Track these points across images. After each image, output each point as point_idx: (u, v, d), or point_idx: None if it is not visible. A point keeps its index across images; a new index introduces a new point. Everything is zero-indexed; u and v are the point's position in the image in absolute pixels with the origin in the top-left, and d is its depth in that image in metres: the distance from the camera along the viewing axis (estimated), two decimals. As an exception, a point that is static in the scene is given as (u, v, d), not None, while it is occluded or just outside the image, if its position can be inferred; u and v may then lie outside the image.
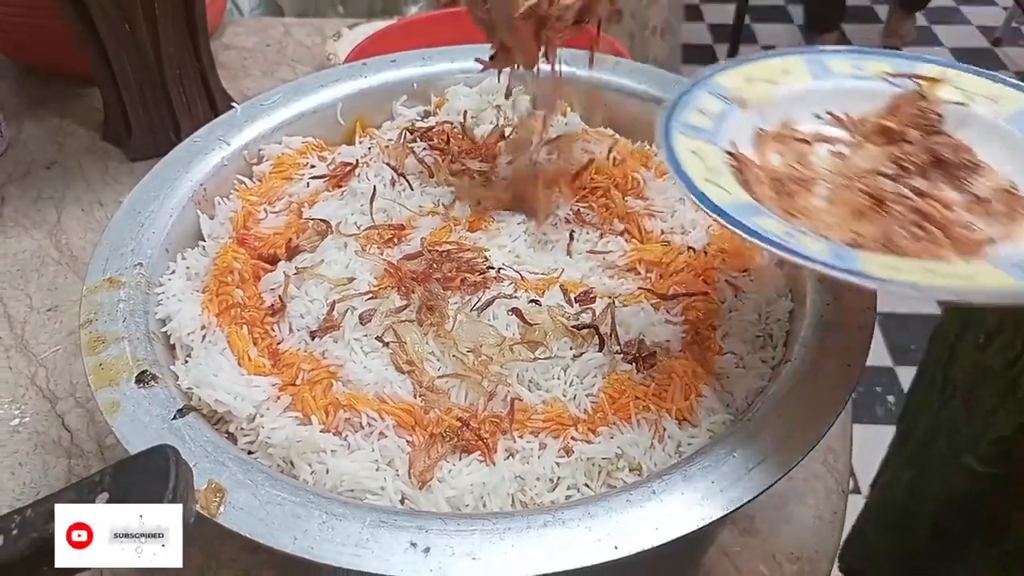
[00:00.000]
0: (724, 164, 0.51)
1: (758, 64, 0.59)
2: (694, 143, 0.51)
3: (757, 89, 0.57)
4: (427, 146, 0.73)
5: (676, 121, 0.53)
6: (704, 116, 0.54)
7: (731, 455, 0.48)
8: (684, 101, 0.55)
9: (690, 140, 0.51)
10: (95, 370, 0.53)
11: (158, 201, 0.66)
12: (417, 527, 0.45)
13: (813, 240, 0.47)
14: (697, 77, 0.57)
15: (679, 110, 0.54)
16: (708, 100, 0.55)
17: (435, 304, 0.58)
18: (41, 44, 1.08)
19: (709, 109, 0.55)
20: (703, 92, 0.56)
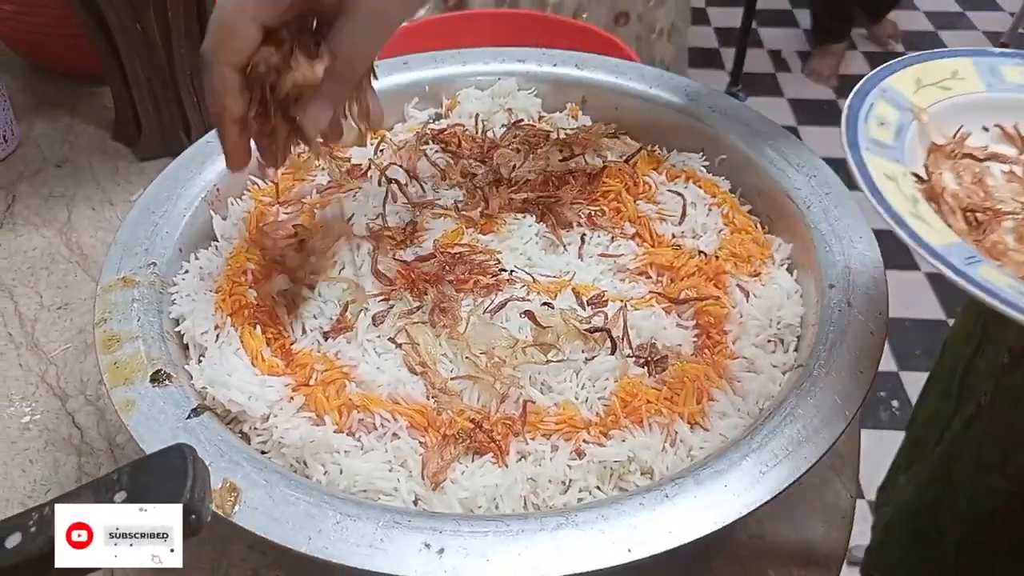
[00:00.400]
0: (917, 190, 0.49)
1: (927, 65, 0.57)
2: (885, 164, 0.49)
3: (929, 95, 0.55)
4: (439, 148, 0.73)
5: (861, 136, 0.50)
6: (885, 129, 0.52)
7: (744, 460, 0.49)
8: (861, 108, 0.52)
9: (880, 160, 0.49)
10: (110, 369, 0.53)
11: (171, 201, 0.66)
12: (431, 528, 0.45)
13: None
14: (867, 78, 0.55)
15: (859, 120, 0.51)
16: (885, 108, 0.53)
17: (448, 306, 0.59)
18: (52, 43, 1.08)
19: (888, 119, 0.52)
20: (879, 98, 0.54)
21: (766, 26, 3.29)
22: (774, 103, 2.92)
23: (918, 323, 2.12)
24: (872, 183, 0.47)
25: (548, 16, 1.10)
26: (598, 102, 0.80)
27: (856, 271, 0.60)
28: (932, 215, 0.48)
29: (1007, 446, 0.83)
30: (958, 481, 0.90)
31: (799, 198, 0.67)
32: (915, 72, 0.56)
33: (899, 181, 0.49)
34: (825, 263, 0.61)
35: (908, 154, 0.52)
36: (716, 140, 0.74)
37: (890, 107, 0.53)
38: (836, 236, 0.63)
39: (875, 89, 0.54)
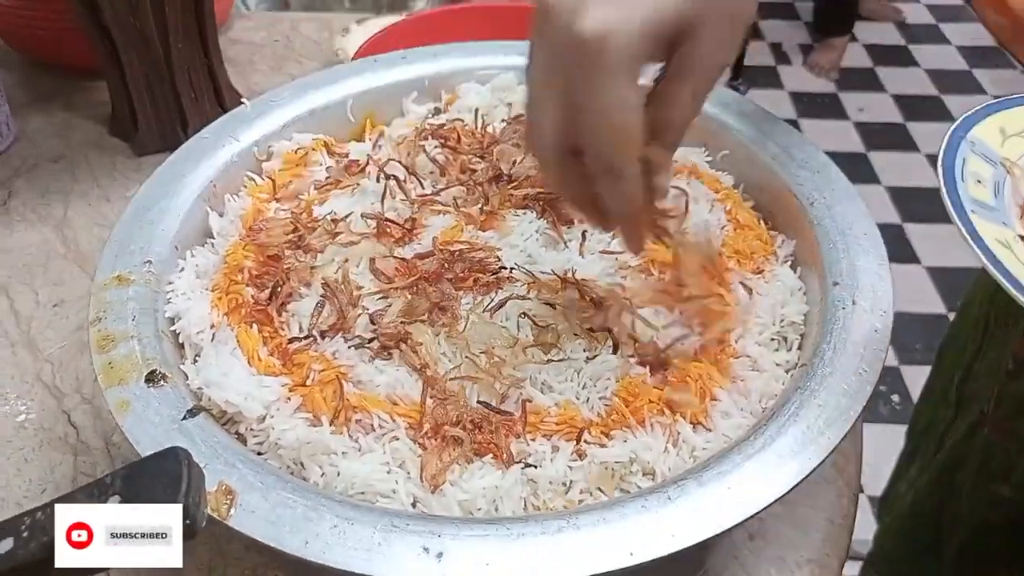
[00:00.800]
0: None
1: (1008, 113, 0.55)
2: (994, 229, 0.47)
3: (1016, 147, 0.53)
4: (439, 144, 0.72)
5: (963, 196, 0.48)
6: (983, 187, 0.50)
7: (747, 461, 0.48)
8: (955, 164, 0.50)
9: (988, 224, 0.47)
10: (104, 369, 0.53)
11: (167, 198, 0.65)
12: (430, 532, 0.45)
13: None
14: (953, 130, 0.52)
15: (957, 177, 0.49)
16: (978, 164, 0.51)
17: (447, 304, 0.58)
18: (49, 37, 1.07)
19: (983, 176, 0.50)
20: (969, 152, 0.51)
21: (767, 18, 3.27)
22: (775, 96, 2.92)
23: (919, 317, 2.12)
24: (991, 254, 0.44)
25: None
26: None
27: (860, 268, 0.59)
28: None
29: (1011, 454, 0.82)
30: (960, 489, 0.89)
31: (802, 194, 0.66)
32: (998, 121, 0.54)
33: (1013, 247, 0.46)
34: (829, 260, 0.61)
35: (1009, 216, 0.49)
36: (718, 135, 0.74)
37: (982, 162, 0.51)
38: (840, 232, 0.62)
39: (963, 143, 0.52)
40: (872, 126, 2.81)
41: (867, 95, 2.96)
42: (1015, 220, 0.50)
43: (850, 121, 2.83)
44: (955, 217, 0.47)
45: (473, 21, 1.04)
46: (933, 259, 2.33)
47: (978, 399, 0.86)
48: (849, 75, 3.01)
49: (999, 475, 0.83)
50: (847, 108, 2.87)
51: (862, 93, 2.96)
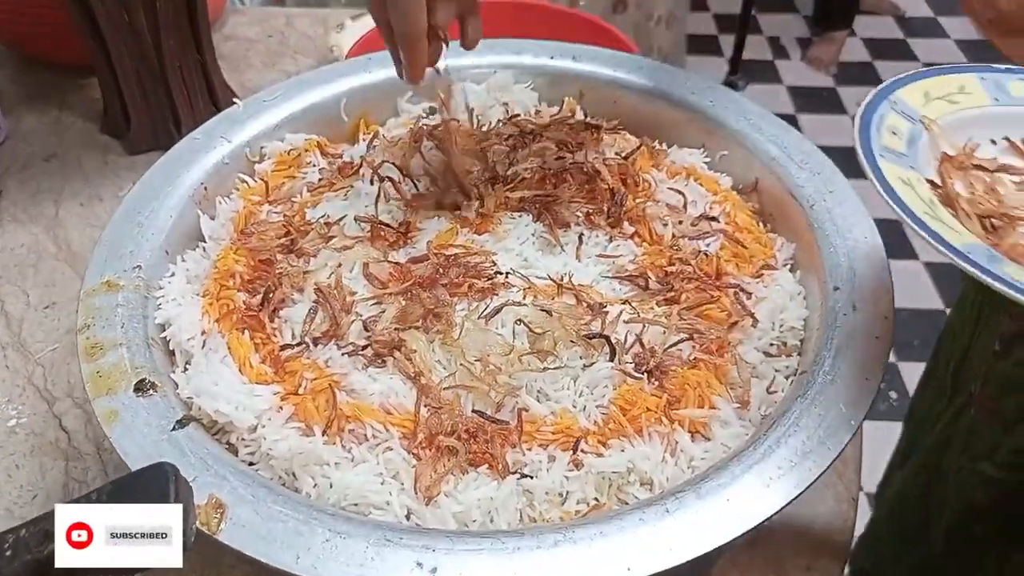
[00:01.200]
0: (933, 195, 0.50)
1: (935, 80, 0.58)
2: (900, 170, 0.50)
3: (938, 108, 0.56)
4: (434, 145, 0.71)
5: (875, 144, 0.51)
6: (898, 138, 0.52)
7: (747, 472, 0.47)
8: (873, 119, 0.53)
9: (895, 167, 0.50)
10: (92, 378, 0.52)
11: (158, 200, 0.64)
12: (423, 546, 0.44)
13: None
14: (876, 91, 0.56)
15: (872, 129, 0.52)
16: (896, 119, 0.54)
17: (441, 311, 0.57)
18: (40, 34, 1.06)
19: (900, 130, 0.53)
20: (889, 110, 0.54)
21: (765, 12, 3.26)
22: (773, 90, 2.90)
23: (916, 313, 2.11)
24: (889, 187, 0.47)
25: (545, 5, 1.08)
26: (596, 95, 0.78)
27: (861, 273, 0.59)
28: (950, 218, 0.49)
29: (996, 433, 0.84)
30: (947, 470, 0.90)
31: (802, 196, 0.65)
32: (923, 86, 0.57)
33: (915, 186, 0.49)
34: (829, 264, 0.60)
35: (921, 163, 0.52)
36: (717, 135, 0.73)
37: (901, 119, 0.54)
38: (840, 236, 0.61)
39: (885, 101, 0.55)
40: (871, 120, 2.81)
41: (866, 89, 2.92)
42: (930, 171, 0.52)
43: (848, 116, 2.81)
44: (861, 157, 0.49)
45: (469, 17, 1.02)
46: (931, 255, 2.32)
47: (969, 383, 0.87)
48: (847, 69, 3.00)
49: (984, 454, 0.84)
50: (846, 102, 2.85)
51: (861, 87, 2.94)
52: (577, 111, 0.78)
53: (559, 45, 0.80)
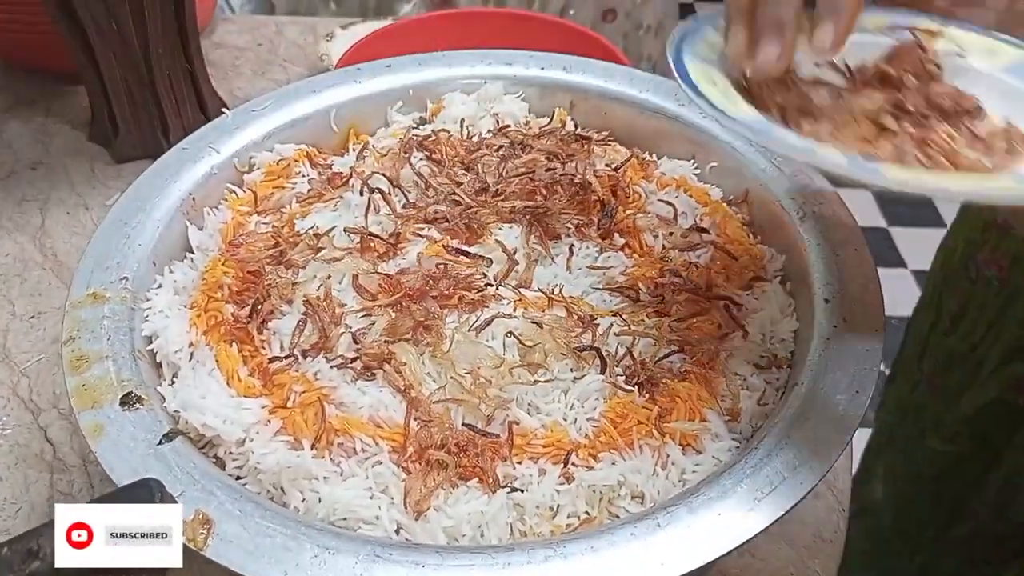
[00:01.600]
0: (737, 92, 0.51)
1: None
2: (708, 70, 0.51)
3: None
4: (424, 156, 0.71)
5: (687, 51, 0.51)
6: (713, 51, 0.53)
7: (738, 486, 0.47)
8: (691, 36, 0.54)
9: (703, 67, 0.51)
10: (77, 391, 0.51)
11: (145, 212, 0.64)
12: (413, 562, 0.44)
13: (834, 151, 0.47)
14: (702, 16, 0.56)
15: (688, 42, 0.53)
16: (716, 37, 0.54)
17: (431, 323, 0.57)
18: (27, 41, 1.05)
19: (717, 45, 0.54)
20: (710, 29, 0.55)
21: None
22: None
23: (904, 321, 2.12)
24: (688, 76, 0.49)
25: (534, 15, 1.08)
26: (586, 106, 0.78)
27: (850, 284, 0.59)
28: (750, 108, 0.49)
29: (940, 407, 0.90)
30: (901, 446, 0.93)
31: (792, 208, 0.65)
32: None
33: (719, 82, 0.50)
34: (819, 276, 0.60)
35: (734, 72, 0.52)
36: (707, 146, 0.73)
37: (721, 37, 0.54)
38: (831, 249, 0.61)
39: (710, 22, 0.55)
40: (859, 129, 2.82)
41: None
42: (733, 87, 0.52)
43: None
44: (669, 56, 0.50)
45: (459, 27, 1.02)
46: (919, 262, 2.33)
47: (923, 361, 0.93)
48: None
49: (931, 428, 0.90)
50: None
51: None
52: (568, 122, 0.78)
53: (550, 56, 0.80)
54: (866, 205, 2.51)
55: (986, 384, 0.86)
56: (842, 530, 0.67)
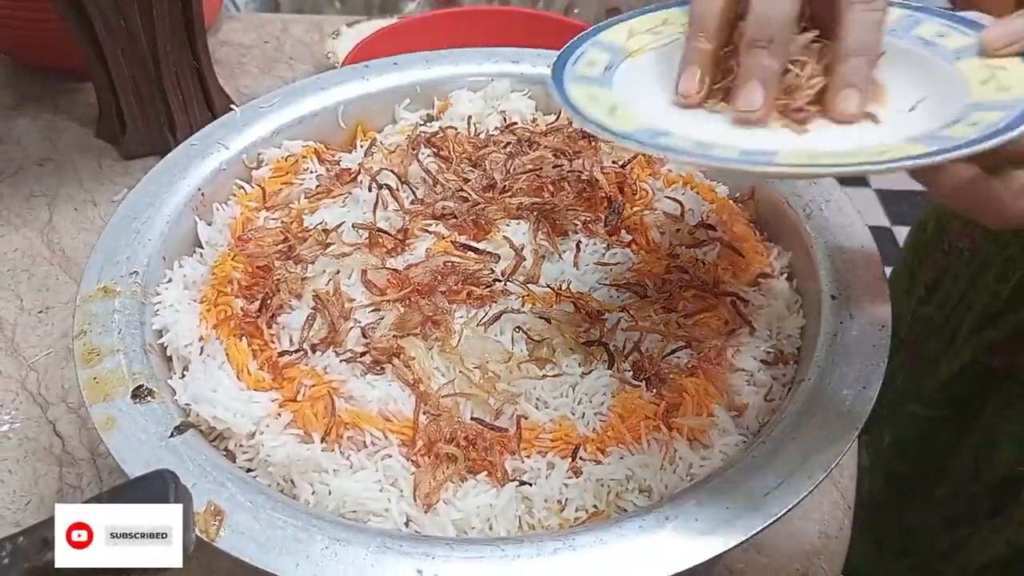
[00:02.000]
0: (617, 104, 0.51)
1: (640, 19, 0.58)
2: (589, 89, 0.51)
3: (641, 41, 0.56)
4: (432, 153, 0.71)
5: (567, 73, 0.52)
6: (593, 67, 0.53)
7: (745, 481, 0.47)
8: (572, 56, 0.54)
9: (585, 88, 0.51)
10: (89, 384, 0.51)
11: (154, 207, 0.64)
12: (423, 553, 0.44)
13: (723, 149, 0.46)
14: (579, 35, 0.56)
15: (567, 64, 0.53)
16: (596, 54, 0.54)
17: (440, 318, 0.57)
18: (35, 38, 1.05)
19: (597, 60, 0.54)
20: (590, 47, 0.55)
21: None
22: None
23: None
24: (568, 99, 0.49)
25: (539, 13, 1.08)
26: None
27: (857, 281, 0.59)
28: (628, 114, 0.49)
29: (919, 373, 0.93)
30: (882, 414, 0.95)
31: (798, 205, 0.66)
32: (628, 26, 0.57)
33: (600, 100, 0.50)
34: (825, 273, 0.60)
35: (617, 83, 0.52)
36: (713, 144, 0.73)
37: (602, 52, 0.54)
38: (837, 244, 0.61)
39: (586, 43, 0.55)
40: (861, 129, 2.82)
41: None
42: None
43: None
44: (552, 88, 0.50)
45: (464, 25, 1.03)
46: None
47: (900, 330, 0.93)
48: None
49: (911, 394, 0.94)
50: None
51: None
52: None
53: (556, 54, 0.80)
54: (869, 204, 2.51)
55: (961, 350, 0.90)
56: (847, 527, 0.68)
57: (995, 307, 0.87)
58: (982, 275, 0.88)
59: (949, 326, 0.92)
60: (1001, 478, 0.89)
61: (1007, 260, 0.86)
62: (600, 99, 0.50)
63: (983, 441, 0.91)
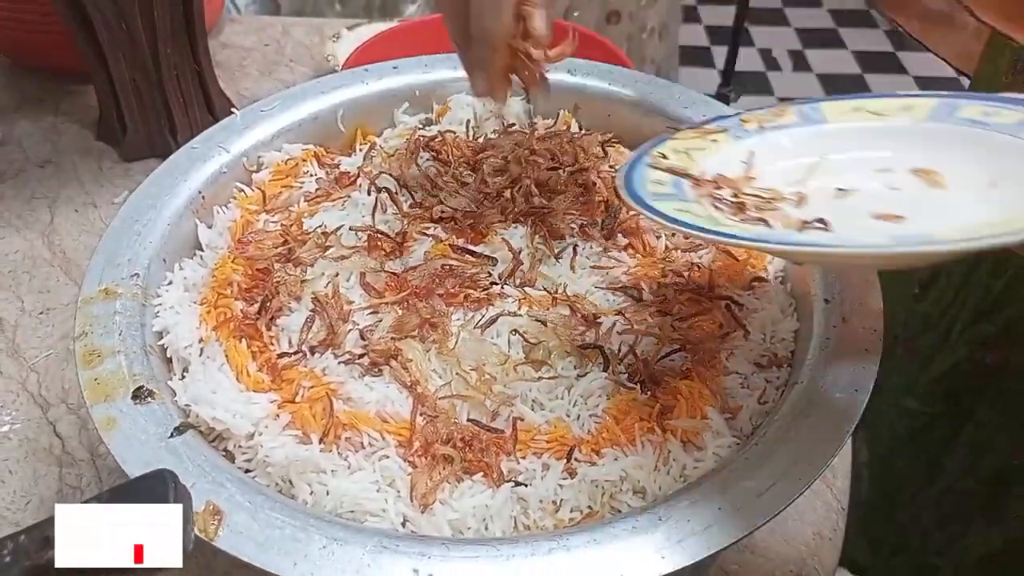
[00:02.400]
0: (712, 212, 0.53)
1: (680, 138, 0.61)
2: (674, 204, 0.52)
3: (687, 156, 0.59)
4: (431, 157, 0.72)
5: (644, 193, 0.53)
6: (663, 186, 0.55)
7: (738, 482, 0.48)
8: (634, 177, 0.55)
9: (667, 202, 0.52)
10: (90, 385, 0.52)
11: (155, 210, 0.64)
12: (419, 553, 0.44)
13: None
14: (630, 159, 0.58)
15: (636, 185, 0.54)
16: (658, 175, 0.56)
17: (438, 320, 0.58)
18: (36, 41, 1.06)
19: (664, 181, 0.55)
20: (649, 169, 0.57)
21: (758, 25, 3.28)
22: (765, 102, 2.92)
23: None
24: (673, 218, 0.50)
25: (540, 17, 1.09)
26: (591, 109, 0.79)
27: (850, 286, 0.60)
28: (729, 221, 0.52)
29: (915, 369, 0.94)
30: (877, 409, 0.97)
31: (793, 209, 0.66)
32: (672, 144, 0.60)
33: (691, 211, 0.51)
34: (819, 277, 0.61)
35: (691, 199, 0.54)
36: (709, 149, 0.73)
37: (660, 174, 0.56)
38: (831, 249, 0.62)
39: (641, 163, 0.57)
40: (861, 132, 2.83)
41: (856, 101, 2.98)
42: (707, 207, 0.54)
43: (839, 127, 2.85)
44: (635, 205, 0.52)
45: (465, 29, 1.03)
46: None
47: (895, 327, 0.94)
48: (838, 82, 3.03)
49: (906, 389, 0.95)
50: (836, 114, 2.89)
51: (851, 100, 2.98)
52: (572, 124, 0.79)
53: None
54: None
55: (955, 345, 0.91)
56: (841, 528, 0.68)
57: (988, 302, 0.88)
58: (975, 272, 0.89)
59: (944, 322, 0.93)
60: (995, 472, 0.90)
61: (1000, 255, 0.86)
62: (690, 211, 0.51)
63: (977, 436, 0.92)
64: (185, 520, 0.39)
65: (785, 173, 0.57)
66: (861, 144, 0.57)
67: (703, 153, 0.59)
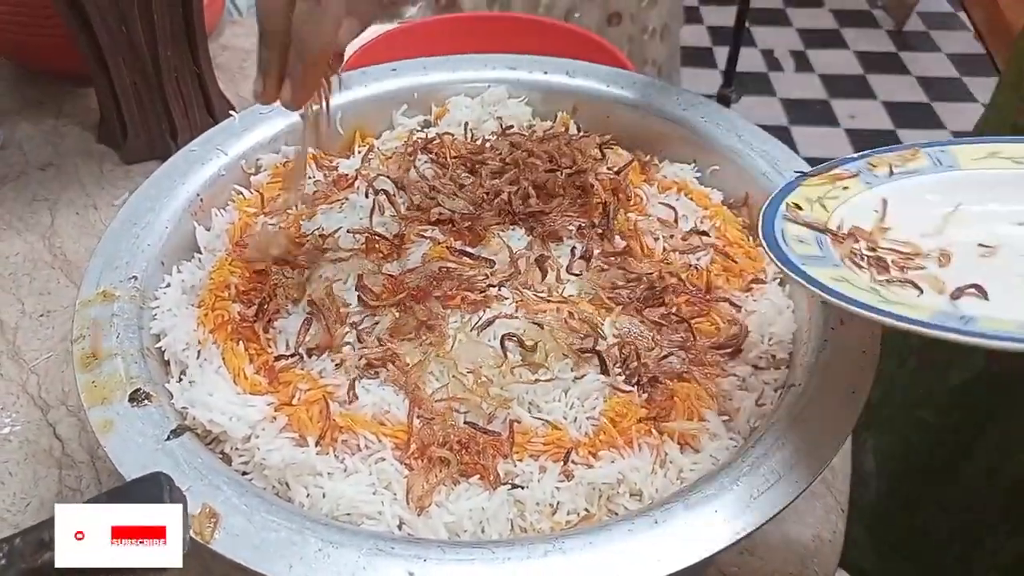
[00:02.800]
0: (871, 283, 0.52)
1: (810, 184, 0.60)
2: (827, 271, 0.51)
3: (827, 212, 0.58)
4: (429, 159, 0.72)
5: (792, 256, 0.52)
6: (807, 245, 0.53)
7: (735, 484, 0.48)
8: (776, 233, 0.54)
9: (820, 269, 0.51)
10: (87, 388, 0.52)
11: (154, 212, 0.65)
12: (415, 556, 0.44)
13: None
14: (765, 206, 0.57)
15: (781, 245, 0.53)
16: (797, 229, 0.55)
17: (434, 323, 0.58)
18: (36, 44, 1.06)
19: (805, 237, 0.54)
20: (786, 223, 0.55)
21: (759, 25, 3.28)
22: (767, 102, 2.92)
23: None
24: (833, 291, 0.48)
25: (539, 19, 1.09)
26: (589, 110, 0.79)
27: (849, 287, 0.59)
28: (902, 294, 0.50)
29: (931, 380, 0.92)
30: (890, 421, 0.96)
31: (792, 211, 0.66)
32: (803, 192, 0.59)
33: (849, 280, 0.50)
34: (818, 278, 0.60)
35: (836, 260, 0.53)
36: (708, 150, 0.74)
37: (799, 228, 0.55)
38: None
39: (777, 215, 0.56)
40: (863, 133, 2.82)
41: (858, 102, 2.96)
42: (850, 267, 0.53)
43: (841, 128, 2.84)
44: (783, 268, 0.50)
45: (464, 31, 1.03)
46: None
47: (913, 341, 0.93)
48: (840, 82, 3.02)
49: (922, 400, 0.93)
50: (838, 115, 2.87)
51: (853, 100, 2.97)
52: (571, 126, 0.79)
53: (553, 60, 0.81)
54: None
55: (972, 355, 0.89)
56: (840, 530, 0.68)
57: None
58: None
59: None
60: (1014, 484, 0.89)
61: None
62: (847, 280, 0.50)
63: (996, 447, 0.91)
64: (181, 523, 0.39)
65: (919, 223, 0.55)
66: (997, 194, 0.56)
67: (835, 202, 0.57)
